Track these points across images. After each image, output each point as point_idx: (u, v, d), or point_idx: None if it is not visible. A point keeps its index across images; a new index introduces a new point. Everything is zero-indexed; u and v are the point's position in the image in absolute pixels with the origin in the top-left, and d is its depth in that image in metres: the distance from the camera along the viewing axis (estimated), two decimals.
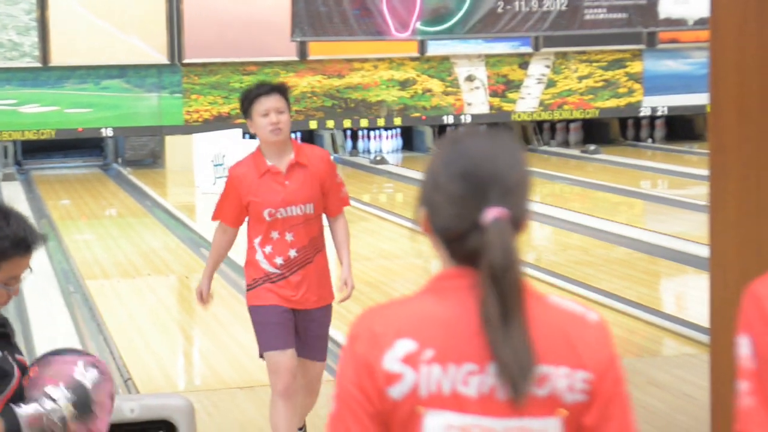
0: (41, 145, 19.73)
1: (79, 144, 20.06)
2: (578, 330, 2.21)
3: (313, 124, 20.15)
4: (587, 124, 21.76)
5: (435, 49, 20.55)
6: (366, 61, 20.37)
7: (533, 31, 20.77)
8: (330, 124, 20.24)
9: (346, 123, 20.33)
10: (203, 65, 19.57)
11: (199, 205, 15.88)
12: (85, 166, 20.10)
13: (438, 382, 2.15)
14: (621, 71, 21.42)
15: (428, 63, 20.66)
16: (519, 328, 2.13)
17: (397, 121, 20.54)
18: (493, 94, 21.01)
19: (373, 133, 20.80)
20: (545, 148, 21.22)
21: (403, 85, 20.57)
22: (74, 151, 20.22)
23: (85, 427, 3.13)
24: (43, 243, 3.23)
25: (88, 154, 20.32)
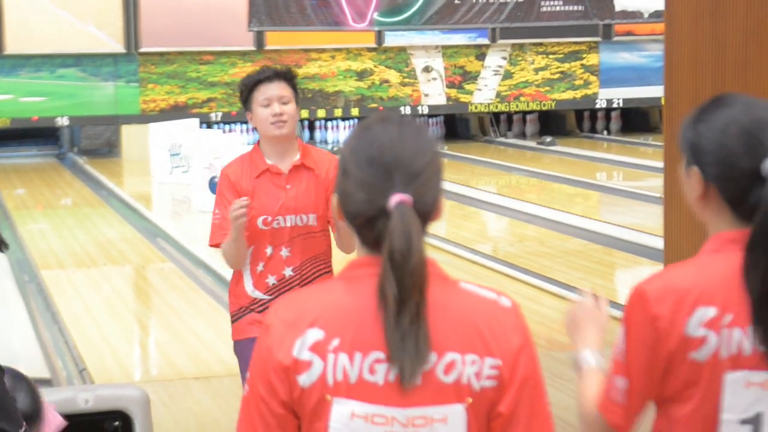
0: None
1: (34, 133, 19.91)
2: (489, 316, 2.22)
3: None
4: (544, 116, 21.84)
5: (392, 40, 20.55)
6: (323, 51, 20.34)
7: (490, 23, 20.82)
8: None
9: (304, 113, 20.30)
10: (160, 54, 19.48)
11: (155, 195, 15.82)
12: (40, 155, 19.96)
13: (344, 371, 2.17)
14: (577, 63, 21.51)
15: (385, 54, 20.66)
16: (413, 313, 2.14)
17: (355, 112, 20.54)
18: (450, 86, 21.04)
19: (330, 124, 20.79)
20: (502, 140, 21.27)
21: (361, 75, 20.56)
22: (29, 140, 20.07)
23: None
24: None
25: (43, 143, 20.17)
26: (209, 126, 19.00)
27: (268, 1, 19.65)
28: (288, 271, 4.72)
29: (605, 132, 21.86)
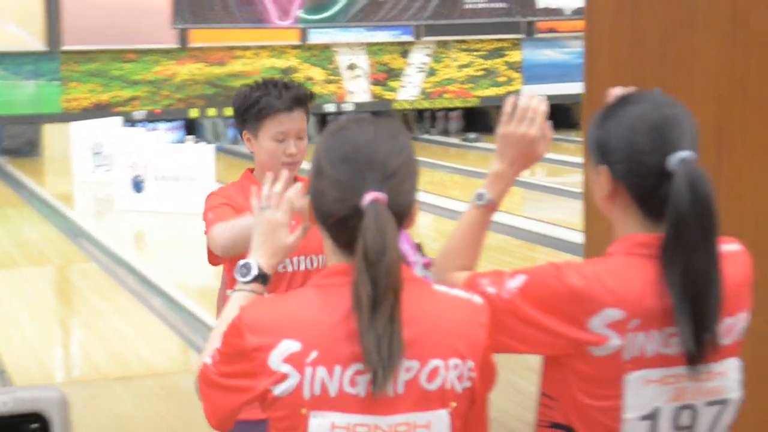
0: None
1: None
2: (465, 317, 2.22)
3: (195, 113, 20.00)
4: (467, 113, 21.92)
5: (316, 37, 20.52)
6: (247, 48, 20.26)
7: (414, 20, 20.86)
8: (211, 112, 20.10)
9: (228, 111, 20.19)
10: (82, 52, 19.29)
11: (77, 195, 15.66)
12: None
13: (323, 385, 2.13)
14: (500, 60, 21.61)
15: (310, 51, 20.63)
16: (387, 315, 2.10)
17: None
18: (375, 83, 21.05)
19: None
20: (426, 137, 21.32)
21: (285, 73, 20.50)
22: None
23: None
24: None
25: None
26: (132, 124, 18.86)
27: None
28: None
29: None
